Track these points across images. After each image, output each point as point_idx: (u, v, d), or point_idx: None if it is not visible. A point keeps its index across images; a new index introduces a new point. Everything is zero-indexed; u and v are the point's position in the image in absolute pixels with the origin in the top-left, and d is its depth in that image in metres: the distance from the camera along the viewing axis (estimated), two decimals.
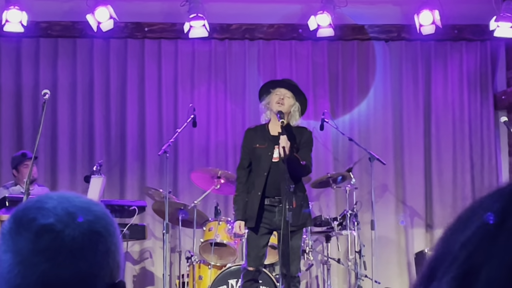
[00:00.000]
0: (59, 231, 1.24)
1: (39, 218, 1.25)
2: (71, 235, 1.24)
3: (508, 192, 0.90)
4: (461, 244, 0.88)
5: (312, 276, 8.95)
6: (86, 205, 1.30)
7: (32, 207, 1.28)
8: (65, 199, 1.29)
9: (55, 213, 1.25)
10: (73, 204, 1.28)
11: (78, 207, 1.28)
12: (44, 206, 1.27)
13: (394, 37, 9.49)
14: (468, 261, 0.86)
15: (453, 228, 0.92)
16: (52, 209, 1.26)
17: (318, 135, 8.39)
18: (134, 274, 9.08)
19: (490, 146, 9.47)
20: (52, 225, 1.24)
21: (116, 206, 7.70)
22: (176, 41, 9.31)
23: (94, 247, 1.26)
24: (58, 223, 1.24)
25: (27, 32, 8.71)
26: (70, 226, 1.25)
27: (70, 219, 1.25)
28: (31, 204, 1.29)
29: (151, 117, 9.22)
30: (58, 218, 1.25)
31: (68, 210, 1.26)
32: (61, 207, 1.27)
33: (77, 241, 1.24)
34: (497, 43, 9.51)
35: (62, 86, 9.13)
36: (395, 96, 9.48)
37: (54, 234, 1.24)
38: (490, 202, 0.90)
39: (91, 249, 1.25)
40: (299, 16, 9.29)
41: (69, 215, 1.26)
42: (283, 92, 6.36)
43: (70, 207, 1.27)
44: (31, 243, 1.23)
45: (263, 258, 6.39)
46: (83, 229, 1.25)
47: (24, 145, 8.98)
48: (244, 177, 6.40)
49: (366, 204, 8.71)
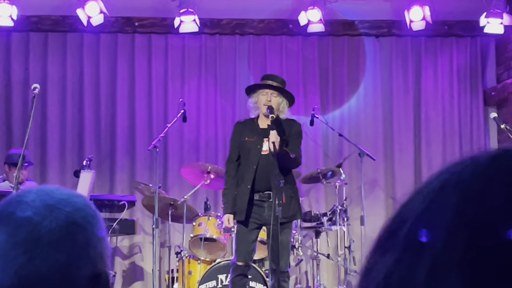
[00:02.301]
0: (36, 223, 1.24)
1: (17, 211, 1.25)
2: (48, 226, 1.24)
3: (456, 203, 0.70)
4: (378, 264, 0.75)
5: (301, 271, 8.96)
6: (65, 197, 1.29)
7: (12, 201, 1.28)
8: (45, 193, 1.29)
9: (33, 206, 1.25)
10: (52, 196, 1.28)
11: (57, 199, 1.27)
12: (23, 200, 1.27)
13: (385, 33, 9.50)
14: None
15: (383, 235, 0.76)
16: (30, 202, 1.26)
17: (308, 130, 8.40)
18: (124, 269, 9.07)
19: (480, 142, 9.48)
20: (29, 218, 1.24)
21: (105, 201, 7.68)
22: (166, 36, 9.30)
23: (72, 238, 1.25)
24: (36, 215, 1.24)
25: (17, 26, 8.68)
26: (47, 218, 1.24)
27: (47, 211, 1.25)
28: (12, 197, 1.29)
29: (141, 112, 9.21)
30: (36, 211, 1.25)
31: (47, 203, 1.26)
32: (40, 200, 1.26)
33: (54, 232, 1.23)
34: (487, 39, 9.53)
35: (52, 81, 9.11)
36: (385, 92, 9.49)
37: (31, 227, 1.23)
38: (431, 212, 0.71)
39: (69, 240, 1.24)
40: (289, 11, 9.29)
41: (47, 207, 1.26)
42: (270, 91, 6.37)
43: (48, 200, 1.27)
44: (9, 236, 1.23)
45: (252, 253, 6.38)
46: (61, 221, 1.25)
47: (13, 139, 8.95)
48: (233, 170, 6.40)
49: (356, 200, 8.73)
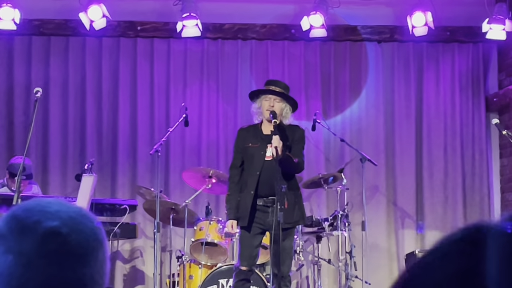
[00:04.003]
0: (66, 235, 1.23)
1: (44, 220, 1.23)
2: (77, 240, 1.23)
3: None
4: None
5: (302, 276, 8.95)
6: (83, 212, 1.29)
7: (34, 209, 1.26)
8: (63, 205, 1.28)
9: (59, 216, 1.24)
10: (72, 209, 1.28)
11: (77, 213, 1.27)
12: (46, 209, 1.25)
13: (387, 38, 9.50)
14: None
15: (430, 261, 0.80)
16: (55, 212, 1.25)
17: (310, 135, 8.39)
18: (125, 273, 9.06)
19: (482, 148, 9.48)
20: (58, 228, 1.23)
21: (107, 205, 7.69)
22: (168, 40, 9.30)
23: (96, 254, 1.25)
24: (64, 227, 1.23)
25: (20, 29, 8.69)
26: (75, 231, 1.24)
27: (73, 224, 1.24)
28: (32, 206, 1.27)
29: (143, 116, 9.21)
30: (63, 222, 1.24)
31: (70, 215, 1.25)
32: (63, 212, 1.26)
33: (82, 246, 1.23)
34: (489, 45, 9.53)
35: (54, 85, 9.11)
36: (387, 97, 9.49)
37: (61, 238, 1.22)
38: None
39: (94, 256, 1.25)
40: (292, 16, 9.29)
41: (72, 220, 1.25)
42: (273, 97, 6.37)
43: (71, 212, 1.26)
44: (38, 245, 1.21)
45: (256, 258, 6.39)
46: (87, 235, 1.25)
47: (15, 142, 8.95)
48: (237, 177, 6.40)
49: (357, 205, 8.72)
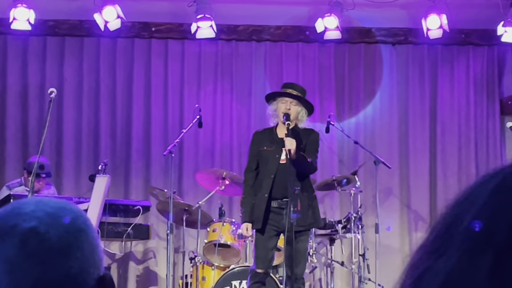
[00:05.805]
0: (44, 233, 1.21)
1: (21, 223, 1.22)
2: (57, 235, 1.21)
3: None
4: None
5: (315, 278, 8.94)
6: (62, 205, 1.28)
7: (10, 214, 1.24)
8: (41, 202, 1.27)
9: (35, 216, 1.23)
10: (49, 205, 1.26)
11: (55, 208, 1.25)
12: (22, 211, 1.24)
13: (401, 41, 9.48)
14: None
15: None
16: (31, 212, 1.23)
17: (324, 137, 8.37)
18: (138, 274, 9.07)
19: (496, 151, 9.44)
20: (35, 227, 1.21)
21: (120, 206, 7.70)
22: (183, 42, 9.31)
23: (80, 244, 1.23)
24: (41, 225, 1.22)
25: (34, 30, 8.72)
26: (53, 226, 1.22)
27: (51, 220, 1.23)
28: (8, 210, 1.26)
29: (156, 117, 9.22)
30: (40, 221, 1.22)
31: (47, 212, 1.24)
32: (39, 210, 1.24)
33: (63, 240, 1.22)
34: (504, 48, 9.49)
35: (69, 85, 9.14)
36: (401, 99, 9.47)
37: (39, 237, 1.21)
38: (491, 208, 0.82)
39: (78, 247, 1.23)
40: (306, 18, 9.28)
41: (49, 216, 1.23)
42: (289, 100, 6.37)
43: (48, 209, 1.25)
44: (18, 248, 1.20)
45: (271, 260, 6.39)
46: (67, 228, 1.23)
47: (29, 142, 8.98)
48: (252, 180, 6.41)
49: (370, 208, 8.70)
